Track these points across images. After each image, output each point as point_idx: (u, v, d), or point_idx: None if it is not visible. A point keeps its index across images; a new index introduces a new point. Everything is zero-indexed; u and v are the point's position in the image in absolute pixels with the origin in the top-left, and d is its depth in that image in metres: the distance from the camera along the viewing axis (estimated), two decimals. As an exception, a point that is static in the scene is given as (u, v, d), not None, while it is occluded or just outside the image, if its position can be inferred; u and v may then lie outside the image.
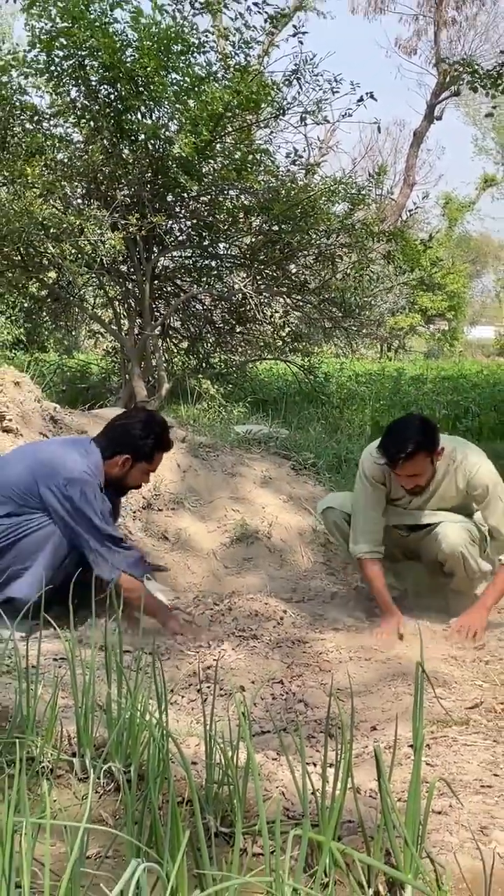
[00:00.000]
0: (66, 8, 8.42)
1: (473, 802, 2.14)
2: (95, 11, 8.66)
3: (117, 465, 4.14)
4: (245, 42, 9.60)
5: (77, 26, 8.31)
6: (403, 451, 4.12)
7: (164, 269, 10.93)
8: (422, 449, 4.14)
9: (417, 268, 13.37)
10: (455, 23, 31.65)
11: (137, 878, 1.40)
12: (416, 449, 4.12)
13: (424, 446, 4.16)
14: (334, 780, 1.88)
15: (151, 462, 4.23)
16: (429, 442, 4.19)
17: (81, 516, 3.89)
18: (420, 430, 4.21)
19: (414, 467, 4.18)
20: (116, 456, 4.13)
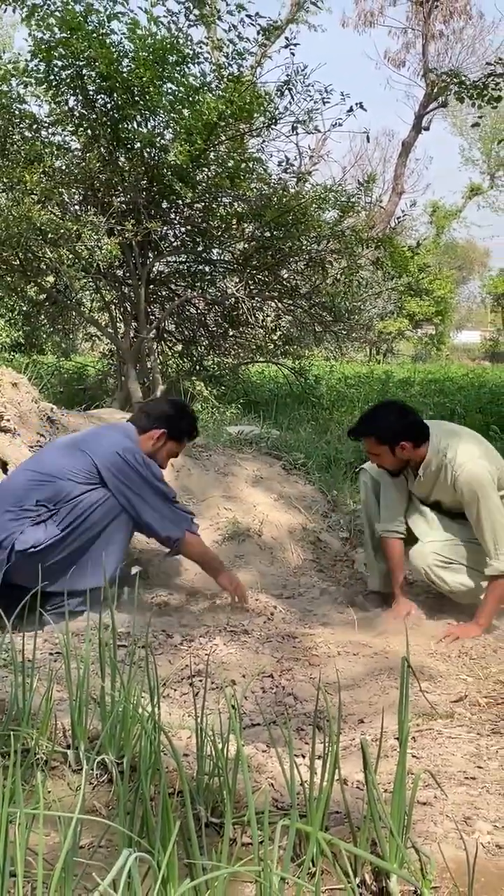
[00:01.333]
0: (64, 19, 8.45)
1: (458, 794, 2.17)
2: (93, 23, 8.70)
3: (152, 438, 4.33)
4: (238, 53, 9.65)
5: (75, 37, 8.35)
6: (357, 428, 4.46)
7: (158, 274, 10.97)
8: (369, 434, 4.39)
9: (405, 274, 13.44)
10: (442, 36, 32.00)
11: (129, 868, 1.43)
12: (362, 432, 4.41)
13: (372, 433, 4.38)
14: (322, 772, 1.90)
15: (180, 443, 4.47)
16: (379, 431, 4.36)
17: (144, 481, 4.08)
18: (375, 418, 4.46)
19: (368, 447, 4.43)
20: (152, 430, 4.34)
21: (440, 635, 4.08)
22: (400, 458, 4.39)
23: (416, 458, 4.39)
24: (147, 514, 4.11)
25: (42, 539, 3.88)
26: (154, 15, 8.87)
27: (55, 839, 1.98)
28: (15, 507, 3.95)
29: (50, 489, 3.99)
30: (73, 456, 4.06)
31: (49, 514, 3.95)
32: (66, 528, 3.94)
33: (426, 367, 23.53)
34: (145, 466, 4.10)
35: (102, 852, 1.93)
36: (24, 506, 3.95)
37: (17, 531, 3.88)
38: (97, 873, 1.71)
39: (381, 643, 3.89)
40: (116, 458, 4.04)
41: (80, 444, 4.14)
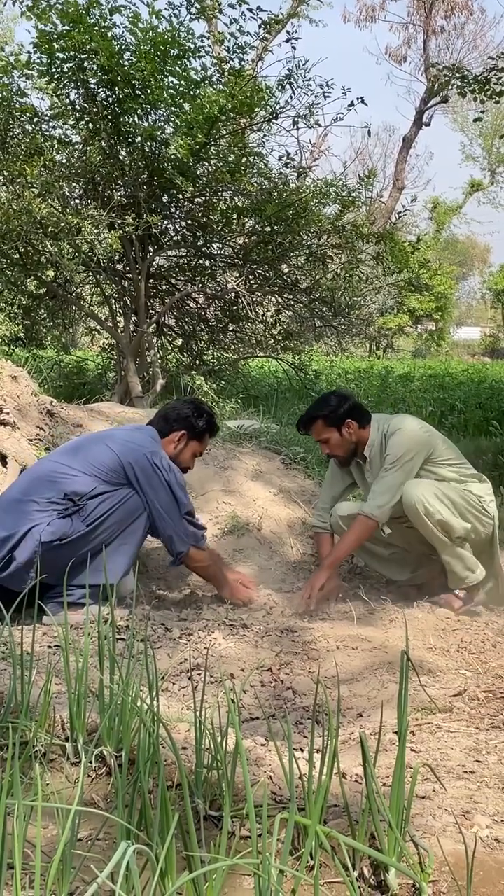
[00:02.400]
0: (66, 12, 8.44)
1: (456, 787, 2.17)
2: (95, 16, 8.69)
3: (173, 441, 4.41)
4: (239, 47, 9.64)
5: (77, 30, 8.34)
6: (301, 423, 4.73)
7: (159, 268, 10.95)
8: (318, 416, 4.62)
9: (406, 269, 13.41)
10: (444, 31, 31.93)
11: (127, 860, 1.43)
12: (311, 417, 4.65)
13: (321, 415, 4.62)
14: (321, 766, 1.91)
15: (201, 442, 4.53)
16: (326, 410, 4.63)
17: (165, 488, 4.12)
18: (321, 402, 4.74)
19: (318, 434, 4.65)
20: (172, 433, 4.41)
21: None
22: (348, 439, 4.62)
23: (362, 440, 4.64)
24: (160, 522, 4.16)
25: (69, 533, 3.91)
26: (156, 8, 8.85)
27: (53, 831, 1.98)
28: (41, 498, 3.97)
29: (78, 483, 4.01)
30: (103, 454, 4.10)
31: (76, 509, 3.97)
32: (92, 525, 3.97)
33: (426, 363, 23.54)
34: (170, 472, 4.15)
35: (101, 845, 1.94)
36: (52, 498, 3.96)
37: (44, 522, 3.90)
38: (95, 865, 1.72)
39: (380, 637, 3.89)
40: (144, 461, 4.10)
41: (109, 443, 4.16)
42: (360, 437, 4.63)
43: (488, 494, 4.65)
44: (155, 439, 4.33)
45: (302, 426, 4.72)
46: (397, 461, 4.45)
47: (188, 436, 4.43)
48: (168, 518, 4.14)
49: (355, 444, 4.65)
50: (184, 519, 4.19)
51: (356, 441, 4.63)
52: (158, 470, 4.10)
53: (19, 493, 4.06)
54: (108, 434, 4.40)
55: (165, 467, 4.14)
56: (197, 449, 4.52)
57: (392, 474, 4.45)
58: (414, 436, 4.51)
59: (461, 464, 4.69)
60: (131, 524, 4.09)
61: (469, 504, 4.51)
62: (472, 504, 4.52)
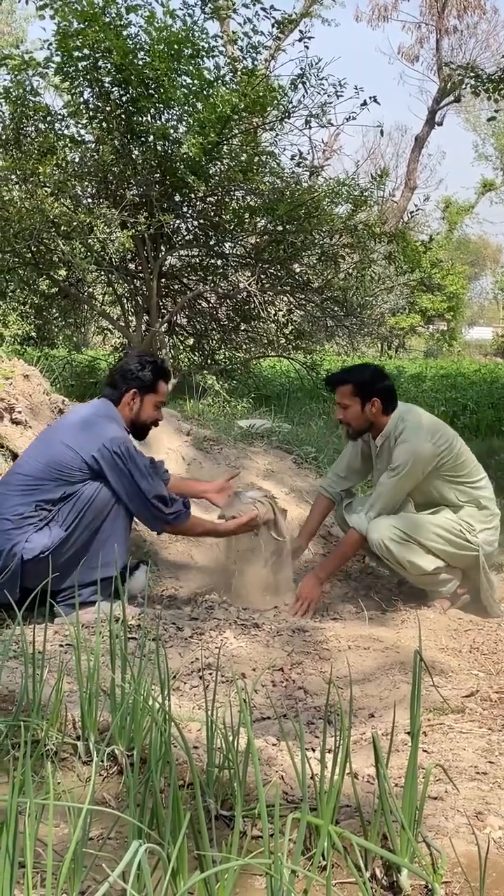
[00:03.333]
0: (81, 10, 8.46)
1: (469, 788, 2.17)
2: (110, 14, 8.69)
3: (128, 403, 4.27)
4: (253, 46, 9.63)
5: (92, 28, 8.35)
6: (332, 379, 4.67)
7: (171, 268, 10.96)
8: (350, 381, 4.54)
9: (418, 269, 13.40)
10: (456, 31, 31.79)
11: (139, 860, 1.42)
12: (343, 379, 4.57)
13: (352, 380, 4.54)
14: (333, 766, 1.90)
15: (157, 392, 4.34)
16: (359, 379, 4.55)
17: (128, 477, 4.00)
18: (359, 369, 4.75)
19: (341, 397, 4.56)
20: (124, 396, 4.26)
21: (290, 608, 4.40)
22: (367, 416, 4.54)
23: (379, 425, 4.57)
24: (130, 506, 4.06)
25: (49, 544, 3.86)
26: (170, 8, 8.85)
27: (65, 830, 1.98)
28: (13, 515, 3.90)
29: (46, 491, 3.95)
30: (64, 455, 3.98)
31: (51, 517, 3.93)
32: (70, 527, 3.91)
33: (438, 363, 23.48)
34: (129, 458, 4.01)
35: (112, 844, 1.94)
36: (25, 513, 3.90)
37: (22, 540, 3.85)
38: (107, 865, 1.72)
39: (392, 637, 3.89)
40: (105, 451, 3.97)
41: (67, 440, 4.04)
42: (377, 421, 4.56)
43: (482, 523, 4.55)
44: (109, 416, 4.20)
45: (331, 383, 4.65)
46: (398, 468, 4.39)
47: (140, 392, 4.28)
48: (135, 504, 4.05)
49: (371, 423, 4.58)
50: (150, 503, 4.06)
51: (373, 422, 4.56)
52: (118, 458, 3.97)
53: None
54: (64, 428, 4.20)
55: (124, 453, 3.99)
56: (155, 400, 4.36)
57: (390, 483, 4.41)
58: (419, 448, 4.40)
59: (471, 483, 4.60)
60: (108, 514, 4.01)
61: (443, 536, 4.43)
62: (448, 535, 4.43)
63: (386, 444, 4.56)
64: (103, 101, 8.93)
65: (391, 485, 4.42)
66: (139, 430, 4.37)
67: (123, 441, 4.04)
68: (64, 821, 2.03)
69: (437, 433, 4.52)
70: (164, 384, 4.39)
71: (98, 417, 4.18)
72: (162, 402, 4.41)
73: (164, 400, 4.45)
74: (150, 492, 4.03)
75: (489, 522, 4.58)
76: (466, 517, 4.51)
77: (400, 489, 4.44)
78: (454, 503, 4.56)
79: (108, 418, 4.18)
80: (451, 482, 4.54)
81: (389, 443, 4.53)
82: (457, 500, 4.56)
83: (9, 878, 1.53)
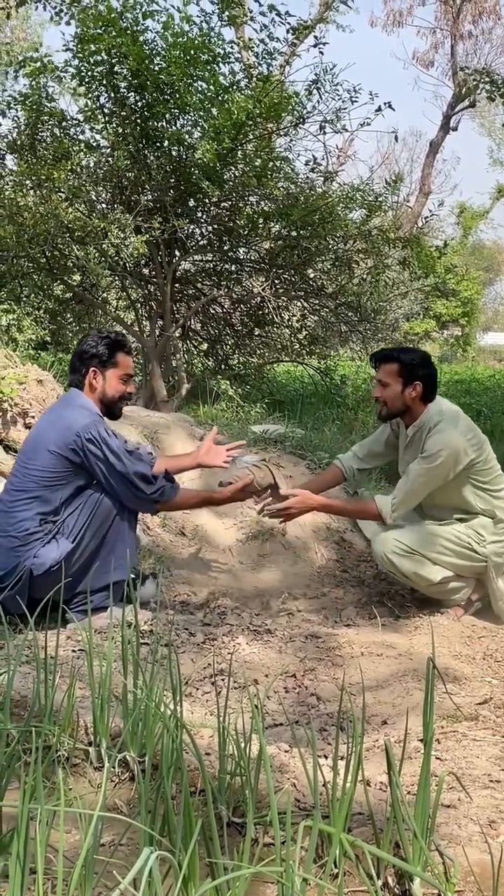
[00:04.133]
0: (99, 15, 8.49)
1: (482, 797, 2.16)
2: (128, 20, 8.72)
3: (91, 384, 4.19)
4: (269, 53, 9.64)
5: (109, 33, 8.38)
6: (380, 355, 4.59)
7: (185, 273, 10.98)
8: (398, 359, 4.48)
9: (432, 274, 13.38)
10: (471, 36, 31.68)
11: (150, 867, 1.42)
12: (391, 357, 4.52)
13: (400, 359, 4.48)
14: (345, 773, 1.90)
15: (117, 365, 4.24)
16: (407, 359, 4.49)
17: (105, 462, 3.94)
18: (408, 351, 4.69)
19: (385, 374, 4.50)
20: (86, 378, 4.19)
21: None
22: (405, 399, 4.47)
23: (415, 412, 4.52)
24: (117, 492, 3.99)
25: (57, 557, 3.83)
26: (188, 14, 8.86)
27: (76, 836, 1.98)
28: (19, 532, 3.89)
29: (43, 502, 3.93)
30: (49, 461, 3.94)
31: (56, 529, 3.92)
32: (77, 538, 3.90)
33: (452, 368, 23.44)
34: (101, 443, 3.94)
35: (123, 850, 1.93)
36: (30, 529, 3.88)
37: (30, 556, 3.84)
38: (118, 871, 1.72)
39: (405, 644, 3.88)
40: (80, 443, 3.91)
41: (48, 446, 3.97)
42: (414, 407, 4.50)
43: (493, 534, 4.49)
44: (75, 405, 4.12)
45: (378, 359, 4.58)
46: (430, 458, 4.32)
47: (99, 369, 4.19)
48: (119, 487, 3.98)
49: (406, 408, 4.52)
50: (133, 483, 3.99)
51: (409, 406, 4.50)
52: (92, 444, 3.91)
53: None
54: (39, 434, 4.11)
55: (96, 438, 3.93)
56: (119, 373, 4.25)
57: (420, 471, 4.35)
58: (453, 443, 4.34)
59: (495, 492, 4.54)
60: (114, 520, 4.00)
61: (449, 547, 4.39)
62: (453, 546, 4.39)
63: (418, 434, 4.49)
64: (119, 105, 8.96)
65: (420, 472, 4.35)
66: (110, 407, 4.26)
67: (94, 425, 3.98)
68: (75, 827, 2.02)
69: (471, 432, 4.48)
70: (123, 355, 4.28)
71: (65, 410, 4.14)
72: (127, 374, 4.30)
73: (130, 372, 4.33)
74: (129, 472, 3.97)
75: (501, 534, 4.52)
76: (478, 527, 4.46)
77: (428, 479, 4.36)
78: (472, 510, 4.50)
79: (74, 407, 4.11)
80: (476, 487, 4.49)
81: (422, 433, 4.46)
82: (476, 507, 4.50)
83: (20, 885, 1.53)
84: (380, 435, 4.83)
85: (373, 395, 4.67)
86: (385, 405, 4.53)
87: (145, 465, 4.10)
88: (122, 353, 4.27)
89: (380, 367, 4.53)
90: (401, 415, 4.56)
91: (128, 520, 4.08)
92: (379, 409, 4.62)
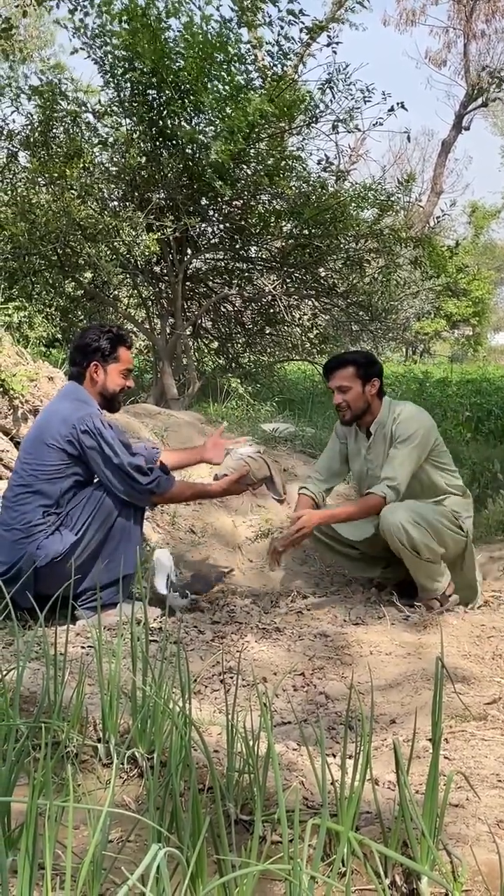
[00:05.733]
0: (123, 9, 8.50)
1: (490, 796, 2.15)
2: (151, 16, 8.72)
3: (91, 377, 4.22)
4: (284, 53, 9.63)
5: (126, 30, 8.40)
6: (333, 363, 4.68)
7: (196, 271, 10.99)
8: (354, 362, 4.60)
9: (443, 274, 13.36)
10: (484, 35, 31.54)
11: (158, 863, 1.42)
12: (346, 361, 4.63)
13: (356, 362, 4.59)
14: (353, 772, 1.90)
15: (119, 359, 4.27)
16: (362, 361, 4.62)
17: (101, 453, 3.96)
18: (353, 353, 4.84)
19: (342, 380, 4.57)
20: (87, 371, 4.22)
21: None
22: (366, 397, 4.58)
23: (373, 410, 4.63)
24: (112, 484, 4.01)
25: (61, 549, 3.87)
26: (208, 14, 8.87)
27: (84, 833, 1.99)
28: (22, 525, 3.92)
29: (44, 495, 3.96)
30: (50, 456, 3.97)
31: (59, 521, 3.95)
32: (80, 530, 3.94)
33: (463, 368, 23.41)
34: (96, 434, 3.96)
35: (131, 847, 1.94)
36: (32, 521, 3.92)
37: (33, 548, 3.87)
38: (126, 868, 1.71)
39: (414, 643, 3.87)
40: (74, 433, 3.95)
41: (48, 440, 4.00)
42: (372, 406, 4.62)
43: (466, 511, 4.67)
44: (74, 398, 4.15)
45: (331, 368, 4.65)
46: (409, 438, 4.45)
47: (101, 363, 4.21)
48: (115, 479, 3.99)
49: (367, 407, 4.62)
50: (128, 474, 4.00)
51: (370, 404, 4.61)
52: (88, 435, 3.94)
53: (2, 526, 4.01)
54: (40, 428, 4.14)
55: (92, 429, 3.96)
56: (119, 367, 4.27)
57: (405, 451, 4.45)
58: (424, 420, 4.56)
59: (452, 472, 4.72)
60: (119, 516, 4.02)
61: (444, 523, 4.49)
62: (447, 522, 4.51)
63: (381, 430, 4.61)
64: (138, 102, 8.96)
65: (406, 453, 4.45)
66: (109, 401, 4.30)
67: (90, 417, 4.00)
68: (84, 823, 2.03)
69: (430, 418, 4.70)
70: (124, 350, 4.31)
71: (61, 403, 4.17)
72: (128, 368, 4.34)
73: (130, 366, 4.37)
74: (124, 462, 3.99)
75: (469, 510, 4.72)
76: (453, 505, 4.62)
77: (414, 457, 4.48)
78: (443, 490, 4.65)
79: (73, 400, 4.14)
80: (439, 468, 4.65)
81: (386, 429, 4.58)
82: (445, 487, 4.66)
83: (28, 880, 1.53)
84: (332, 452, 4.90)
85: (334, 403, 4.69)
86: (349, 408, 4.61)
87: (140, 458, 4.10)
88: (123, 347, 4.30)
89: (335, 374, 4.62)
90: (362, 415, 4.64)
91: (133, 516, 4.09)
92: (342, 414, 4.67)
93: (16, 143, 9.36)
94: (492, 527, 6.11)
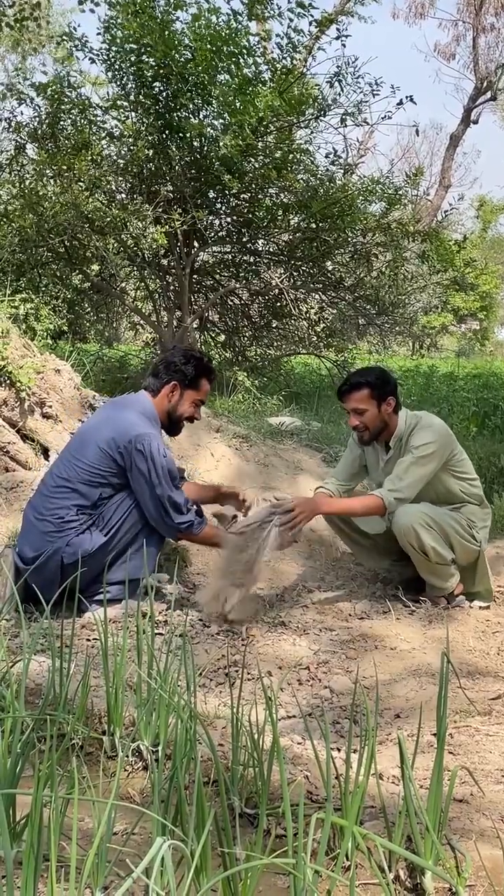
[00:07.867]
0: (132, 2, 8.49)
1: (494, 792, 2.16)
2: (159, 8, 8.70)
3: (167, 395, 4.23)
4: (293, 46, 9.60)
5: (136, 22, 8.37)
6: (347, 386, 4.57)
7: (203, 264, 10.96)
8: (366, 385, 4.50)
9: (451, 268, 13.29)
10: (493, 29, 31.41)
11: (162, 856, 1.43)
12: (360, 383, 4.51)
13: (370, 384, 4.50)
14: (358, 766, 1.90)
15: (199, 389, 4.30)
16: (376, 382, 4.52)
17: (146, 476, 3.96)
18: (368, 372, 4.69)
19: (358, 402, 4.51)
20: (164, 387, 4.22)
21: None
22: (383, 418, 4.54)
23: (391, 425, 4.58)
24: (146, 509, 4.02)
25: (89, 549, 3.89)
26: (216, 6, 8.84)
27: (89, 824, 1.99)
28: (55, 518, 3.93)
29: (81, 495, 3.97)
30: (97, 458, 3.98)
31: (91, 521, 3.96)
32: (110, 532, 3.96)
33: (470, 363, 23.36)
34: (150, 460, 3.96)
35: (136, 839, 1.94)
36: (65, 517, 3.93)
37: (63, 544, 3.89)
38: (130, 860, 1.72)
39: (419, 638, 3.88)
40: (129, 447, 3.95)
41: (99, 443, 4.01)
42: (390, 423, 4.57)
43: (482, 521, 4.66)
44: (140, 411, 4.14)
45: (346, 391, 4.58)
46: (421, 448, 4.42)
47: (181, 386, 4.22)
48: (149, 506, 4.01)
49: (385, 425, 4.57)
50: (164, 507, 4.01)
51: (387, 423, 4.57)
52: (140, 455, 3.94)
53: (34, 512, 4.03)
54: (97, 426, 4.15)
55: (146, 451, 3.95)
56: (195, 397, 4.29)
57: (415, 464, 4.41)
58: (441, 431, 4.51)
59: (471, 480, 4.68)
60: (148, 523, 4.05)
61: (457, 529, 4.49)
62: (461, 530, 4.50)
63: (399, 443, 4.58)
64: (145, 94, 8.94)
65: (415, 462, 4.42)
66: (174, 424, 4.32)
67: (149, 437, 4.00)
68: (88, 815, 2.03)
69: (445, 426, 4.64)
70: (206, 382, 4.34)
71: (125, 411, 4.17)
72: (201, 399, 4.37)
73: (204, 399, 4.40)
74: (165, 496, 4.00)
75: (486, 520, 4.70)
76: (469, 514, 4.60)
77: (424, 469, 4.43)
78: (459, 498, 4.62)
79: (139, 414, 4.14)
80: (456, 477, 4.62)
81: (404, 440, 4.56)
82: (462, 496, 4.63)
83: (33, 871, 1.54)
84: (350, 458, 4.87)
85: (350, 425, 4.65)
86: (367, 430, 4.58)
87: (181, 494, 4.12)
88: (206, 379, 4.34)
89: (349, 397, 4.57)
90: (380, 433, 4.61)
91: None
92: (360, 435, 4.63)
93: (24, 136, 9.34)
94: (498, 522, 6.09)
